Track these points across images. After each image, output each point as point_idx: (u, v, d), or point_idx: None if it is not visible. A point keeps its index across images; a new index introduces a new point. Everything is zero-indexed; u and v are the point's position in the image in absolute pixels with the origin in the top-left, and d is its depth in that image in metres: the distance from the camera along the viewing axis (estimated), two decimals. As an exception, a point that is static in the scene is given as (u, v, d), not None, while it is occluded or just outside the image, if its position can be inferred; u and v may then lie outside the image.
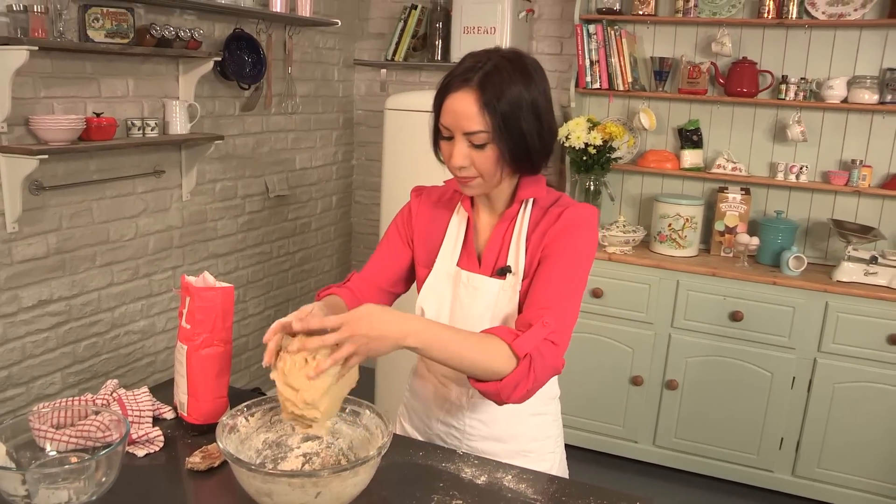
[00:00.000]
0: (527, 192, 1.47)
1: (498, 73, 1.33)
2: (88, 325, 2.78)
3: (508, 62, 1.35)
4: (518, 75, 1.34)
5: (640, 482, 3.35)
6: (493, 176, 1.39)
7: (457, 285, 1.51)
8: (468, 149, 1.36)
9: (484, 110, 1.32)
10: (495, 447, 1.54)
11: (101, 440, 1.32)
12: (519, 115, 1.33)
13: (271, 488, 1.14)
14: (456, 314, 1.51)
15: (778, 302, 3.07)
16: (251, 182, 3.53)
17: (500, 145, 1.34)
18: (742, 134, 3.50)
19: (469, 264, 1.51)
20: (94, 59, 2.64)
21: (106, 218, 2.79)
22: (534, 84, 1.36)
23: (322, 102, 3.97)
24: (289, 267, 3.89)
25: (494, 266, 1.48)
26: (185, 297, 1.51)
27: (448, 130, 1.37)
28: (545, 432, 1.61)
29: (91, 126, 2.51)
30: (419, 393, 1.64)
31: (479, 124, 1.33)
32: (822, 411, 3.08)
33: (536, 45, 3.81)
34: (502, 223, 1.49)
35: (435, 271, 1.54)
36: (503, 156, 1.36)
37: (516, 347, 1.29)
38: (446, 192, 1.60)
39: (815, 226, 3.43)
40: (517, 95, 1.33)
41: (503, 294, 1.46)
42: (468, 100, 1.33)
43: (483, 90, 1.32)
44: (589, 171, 3.44)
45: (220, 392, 1.51)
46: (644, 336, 3.30)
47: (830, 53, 3.27)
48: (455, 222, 1.55)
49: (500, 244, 1.49)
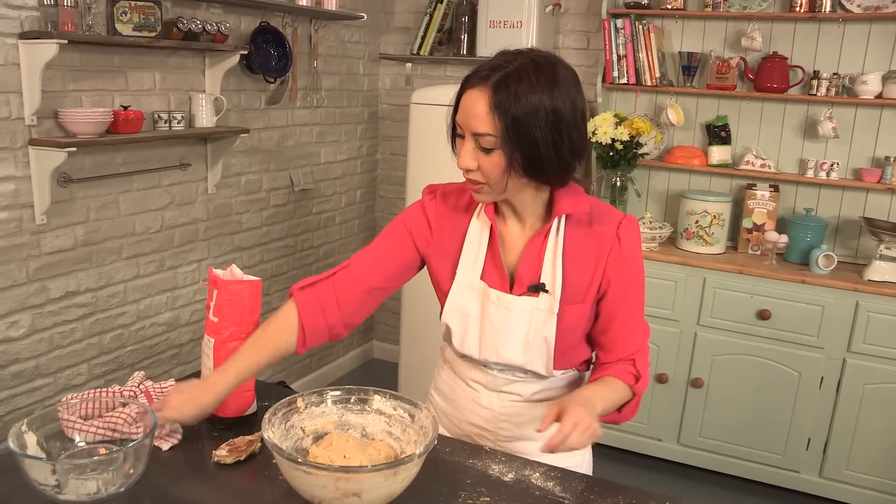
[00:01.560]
0: (565, 206, 1.40)
1: (518, 76, 1.25)
2: (114, 317, 2.81)
3: (535, 66, 1.27)
4: (542, 81, 1.26)
5: (664, 481, 3.33)
6: (499, 184, 1.32)
7: (485, 304, 1.45)
8: (475, 151, 1.30)
9: (494, 112, 1.25)
10: (527, 446, 1.52)
11: (127, 433, 1.33)
12: (533, 123, 1.25)
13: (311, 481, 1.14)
14: (487, 335, 1.46)
15: (807, 301, 3.03)
16: (276, 175, 3.54)
17: (509, 152, 1.27)
18: (771, 130, 3.45)
19: (499, 282, 1.45)
20: (122, 52, 2.65)
21: (132, 210, 2.81)
22: (559, 93, 1.27)
23: (347, 96, 3.97)
24: (313, 261, 3.90)
25: (527, 286, 1.43)
26: (213, 290, 1.51)
27: (461, 128, 1.32)
28: None
29: (118, 119, 2.52)
30: (448, 395, 1.62)
31: (487, 126, 1.26)
32: (850, 412, 3.04)
33: (563, 39, 3.79)
34: (537, 237, 1.42)
35: (457, 284, 1.48)
36: (511, 164, 1.28)
37: (637, 390, 1.47)
38: (463, 193, 1.52)
39: (845, 224, 3.38)
40: (535, 102, 1.25)
41: (537, 315, 1.42)
42: (481, 99, 1.26)
43: (497, 91, 1.25)
44: (615, 166, 3.41)
45: (246, 385, 1.51)
46: (670, 333, 3.27)
47: (865, 47, 3.21)
48: (476, 229, 1.47)
49: (536, 261, 1.43)
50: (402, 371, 3.72)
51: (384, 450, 1.32)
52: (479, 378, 1.53)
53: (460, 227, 1.49)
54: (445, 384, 1.63)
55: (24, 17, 2.32)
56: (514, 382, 1.50)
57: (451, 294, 1.48)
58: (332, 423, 1.37)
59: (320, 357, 4.10)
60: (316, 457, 1.27)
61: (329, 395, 1.39)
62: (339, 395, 1.40)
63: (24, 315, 2.48)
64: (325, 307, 1.47)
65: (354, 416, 1.39)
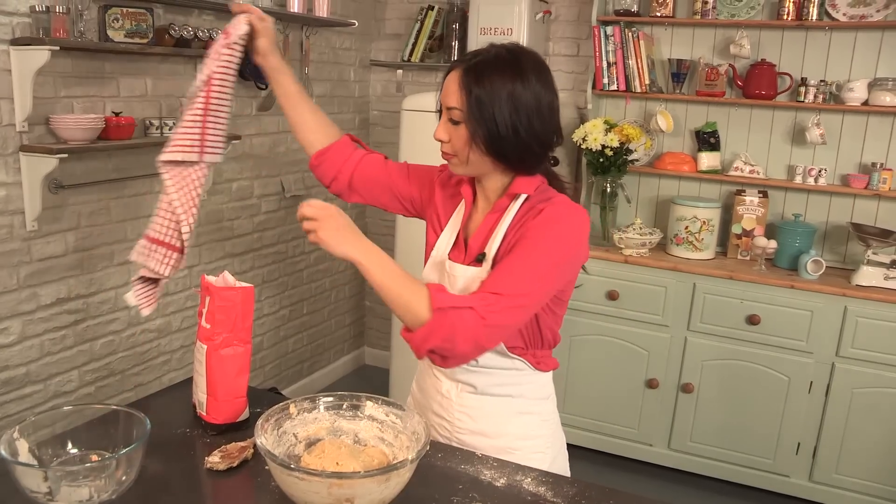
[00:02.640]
0: (518, 187, 1.48)
1: (488, 62, 1.40)
2: (105, 324, 2.80)
3: (508, 54, 1.42)
4: (509, 68, 1.39)
5: (655, 486, 3.34)
6: (464, 155, 1.44)
7: (442, 274, 1.56)
8: (447, 123, 1.45)
9: (462, 89, 1.39)
10: (482, 442, 1.55)
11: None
12: (494, 102, 1.38)
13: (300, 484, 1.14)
14: None
15: (795, 306, 3.05)
16: (267, 182, 3.54)
17: (472, 126, 1.40)
18: (760, 136, 3.47)
19: (456, 253, 1.56)
20: (114, 58, 2.65)
21: (123, 217, 2.80)
22: (525, 81, 1.39)
23: (338, 103, 3.97)
24: (304, 267, 3.90)
25: (474, 256, 1.53)
26: (205, 296, 1.51)
27: (441, 105, 1.46)
28: (534, 431, 1.60)
29: (110, 125, 2.52)
30: (421, 385, 1.69)
31: (455, 101, 1.41)
32: (839, 416, 3.05)
33: (553, 46, 3.80)
34: (493, 214, 1.52)
35: (430, 261, 1.61)
36: (473, 138, 1.41)
37: (433, 299, 1.31)
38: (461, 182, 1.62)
39: (833, 229, 3.40)
40: (498, 85, 1.38)
41: (475, 282, 1.46)
42: (454, 77, 1.42)
43: (467, 73, 1.40)
44: (606, 172, 3.43)
45: (239, 392, 1.51)
46: (660, 339, 3.28)
47: (851, 55, 3.25)
48: (457, 212, 1.61)
49: (486, 234, 1.51)
50: (394, 377, 3.72)
51: (377, 456, 1.32)
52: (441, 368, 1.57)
53: (449, 208, 1.63)
54: (420, 376, 1.71)
55: (15, 23, 2.31)
56: (469, 372, 1.54)
57: (424, 270, 1.62)
58: (324, 429, 1.37)
59: (312, 363, 4.10)
60: (308, 464, 1.27)
61: (321, 402, 1.39)
62: (332, 402, 1.39)
63: (15, 322, 2.47)
64: (350, 161, 1.71)
65: (346, 423, 1.38)
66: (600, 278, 3.32)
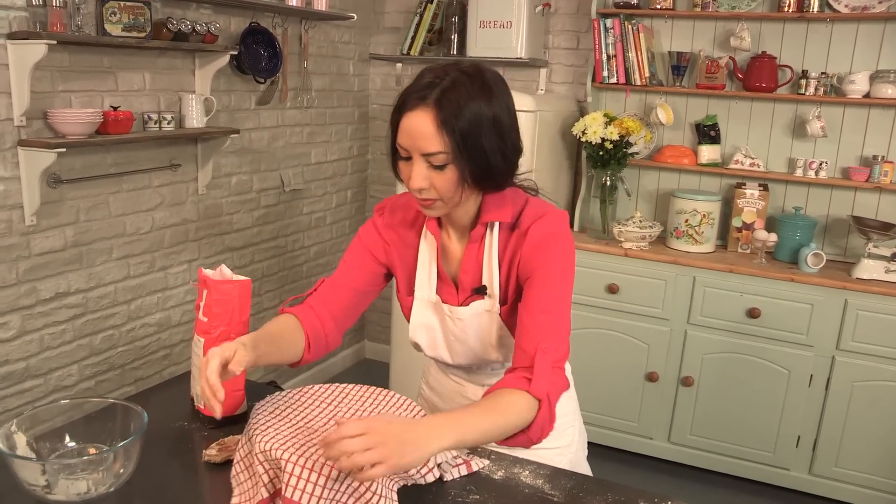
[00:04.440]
0: (490, 215, 1.42)
1: (455, 90, 1.27)
2: (105, 318, 2.80)
3: (467, 77, 1.29)
4: (478, 90, 1.28)
5: (655, 479, 3.34)
6: (453, 198, 1.33)
7: (442, 317, 1.51)
8: (427, 170, 1.29)
9: (442, 129, 1.25)
10: None
11: None
12: (479, 132, 1.27)
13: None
14: (453, 345, 1.52)
15: (796, 299, 3.05)
16: (267, 176, 3.54)
17: (461, 165, 1.28)
18: (760, 129, 3.47)
19: (447, 293, 1.50)
20: (112, 52, 2.65)
21: (122, 211, 2.80)
22: (495, 99, 1.30)
23: (337, 97, 3.97)
24: (304, 261, 3.90)
25: (471, 290, 1.48)
26: (203, 290, 1.52)
27: (406, 151, 1.31)
28: (561, 432, 1.61)
29: (108, 120, 2.52)
30: (436, 389, 1.66)
31: (438, 145, 1.26)
32: (840, 409, 3.06)
33: (553, 39, 3.80)
34: (472, 245, 1.46)
35: (417, 302, 1.52)
36: (464, 176, 1.30)
37: (534, 393, 1.28)
38: (410, 209, 1.54)
39: (834, 222, 3.40)
40: (477, 112, 1.27)
41: (486, 316, 1.46)
42: (425, 119, 1.26)
43: (440, 108, 1.25)
44: (605, 166, 3.42)
45: (236, 385, 1.52)
46: (660, 332, 3.28)
47: (853, 47, 3.24)
48: (424, 248, 1.51)
49: (474, 267, 1.47)
50: (394, 371, 3.72)
51: None
52: (461, 374, 1.58)
53: (411, 243, 1.53)
54: (434, 378, 1.68)
55: (12, 17, 2.31)
56: (495, 374, 1.55)
57: (414, 313, 1.53)
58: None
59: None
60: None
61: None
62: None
63: (14, 316, 2.47)
64: (319, 313, 1.51)
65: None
66: (600, 272, 3.32)
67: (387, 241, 1.55)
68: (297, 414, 1.37)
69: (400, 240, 1.54)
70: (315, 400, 1.43)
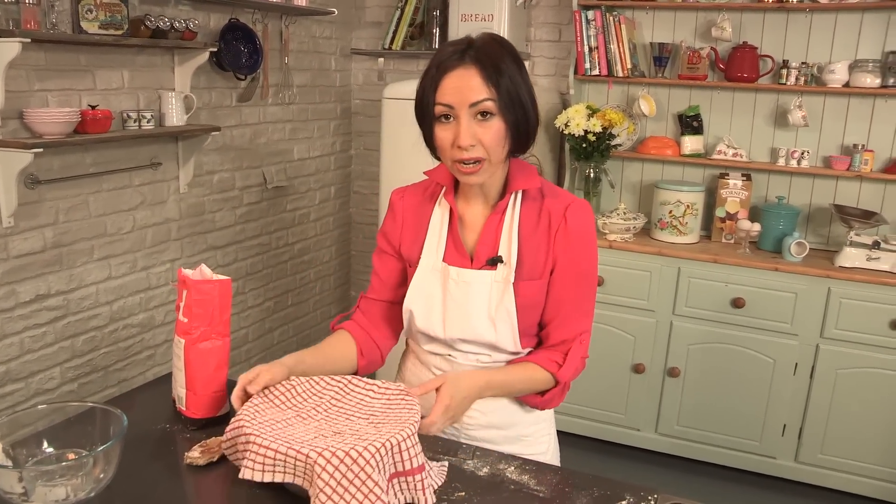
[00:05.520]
0: (519, 183, 1.47)
1: (489, 50, 1.36)
2: (87, 320, 2.77)
3: (495, 42, 1.39)
4: (506, 52, 1.38)
5: (643, 470, 3.35)
6: (498, 152, 1.38)
7: (446, 282, 1.50)
8: (474, 125, 1.35)
9: (487, 81, 1.34)
10: (494, 434, 1.55)
11: None
12: (518, 86, 1.36)
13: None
14: (450, 312, 1.50)
15: (780, 288, 3.06)
16: (249, 173, 3.51)
17: (507, 115, 1.36)
18: (743, 119, 3.47)
19: (459, 260, 1.50)
20: (88, 50, 2.61)
21: (103, 211, 2.77)
22: (519, 61, 1.40)
23: (319, 92, 3.94)
24: (288, 258, 3.88)
25: (485, 261, 1.48)
26: (182, 290, 1.50)
27: (449, 109, 1.35)
28: (542, 416, 1.62)
29: (86, 119, 2.49)
30: (411, 383, 1.63)
31: (486, 93, 1.34)
32: (824, 397, 3.07)
33: (535, 32, 3.78)
34: (494, 215, 1.49)
35: (420, 269, 1.53)
36: (508, 129, 1.37)
37: (560, 377, 1.49)
38: (428, 185, 1.59)
39: (816, 211, 3.41)
40: (512, 70, 1.36)
41: (496, 287, 1.46)
42: (470, 73, 1.34)
43: (482, 64, 1.34)
44: (589, 158, 3.42)
45: (218, 386, 1.50)
46: (646, 324, 3.28)
47: (832, 37, 3.25)
48: (437, 214, 1.54)
49: (493, 238, 1.48)
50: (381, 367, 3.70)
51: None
52: (443, 366, 1.55)
53: (426, 215, 1.56)
54: (410, 372, 1.65)
55: (-15, 16, 2.28)
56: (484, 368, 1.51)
57: (415, 279, 1.53)
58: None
59: (298, 355, 4.08)
60: None
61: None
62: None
63: (-6, 319, 2.44)
64: (363, 325, 1.63)
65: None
66: (585, 264, 3.31)
67: (402, 221, 1.59)
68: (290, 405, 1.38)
69: (415, 213, 1.58)
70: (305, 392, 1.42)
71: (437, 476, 1.32)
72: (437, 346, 1.56)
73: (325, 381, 1.44)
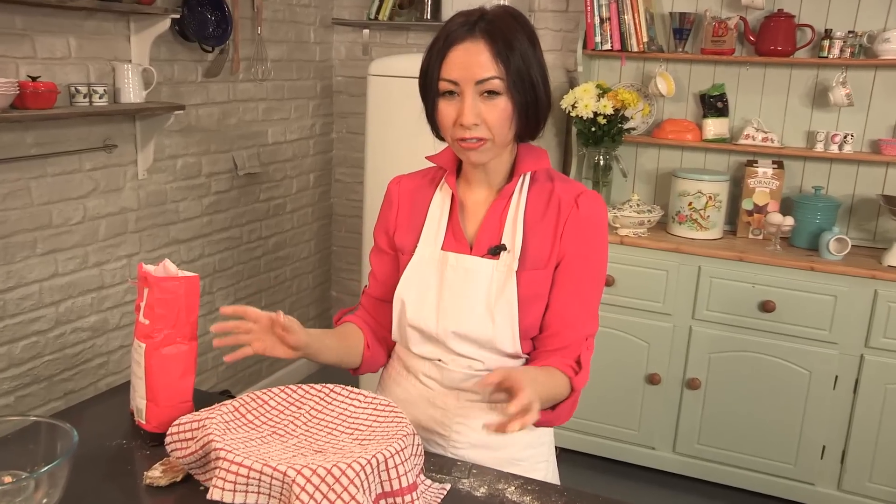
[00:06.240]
0: (528, 164, 1.51)
1: (501, 23, 1.40)
2: (28, 323, 2.75)
3: (508, 15, 1.42)
4: (519, 27, 1.41)
5: (658, 494, 3.35)
6: (503, 134, 1.42)
7: (443, 271, 1.52)
8: (479, 103, 1.39)
9: (496, 57, 1.37)
10: (483, 455, 1.53)
11: None
12: (529, 64, 1.40)
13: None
14: (445, 302, 1.51)
15: (816, 290, 3.05)
16: (217, 158, 3.50)
17: (515, 95, 1.39)
18: (775, 99, 3.47)
19: (458, 246, 1.53)
20: (26, 11, 2.57)
21: (48, 199, 2.75)
22: (534, 38, 1.44)
23: (297, 68, 3.93)
24: (261, 254, 3.87)
25: (486, 250, 1.50)
26: (143, 288, 1.48)
27: (453, 84, 1.40)
28: (540, 438, 1.62)
29: (26, 92, 2.44)
30: (398, 395, 1.62)
31: (493, 70, 1.37)
32: (871, 416, 3.06)
33: (539, 1, 3.78)
34: (499, 201, 1.52)
35: (417, 256, 1.56)
36: (516, 110, 1.40)
37: (575, 385, 1.46)
38: (428, 172, 1.64)
39: (860, 203, 3.41)
40: (524, 46, 1.40)
41: (497, 276, 1.48)
42: (478, 47, 1.38)
43: (492, 38, 1.38)
44: (598, 143, 3.42)
45: (183, 396, 1.48)
46: (661, 329, 3.28)
47: (888, 1, 3.20)
48: (438, 199, 1.58)
49: (496, 225, 1.51)
50: (363, 377, 3.70)
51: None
52: (433, 374, 1.55)
53: (425, 200, 1.60)
54: (395, 382, 1.64)
55: None
56: (473, 378, 1.51)
57: (409, 267, 1.56)
58: None
59: (272, 362, 4.08)
60: None
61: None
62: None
63: (-77, 321, 2.42)
64: (369, 322, 1.68)
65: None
66: (596, 262, 3.31)
67: (399, 205, 1.63)
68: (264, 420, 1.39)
69: (413, 199, 1.62)
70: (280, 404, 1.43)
71: (433, 498, 1.31)
72: (427, 347, 1.55)
73: (303, 389, 1.43)
